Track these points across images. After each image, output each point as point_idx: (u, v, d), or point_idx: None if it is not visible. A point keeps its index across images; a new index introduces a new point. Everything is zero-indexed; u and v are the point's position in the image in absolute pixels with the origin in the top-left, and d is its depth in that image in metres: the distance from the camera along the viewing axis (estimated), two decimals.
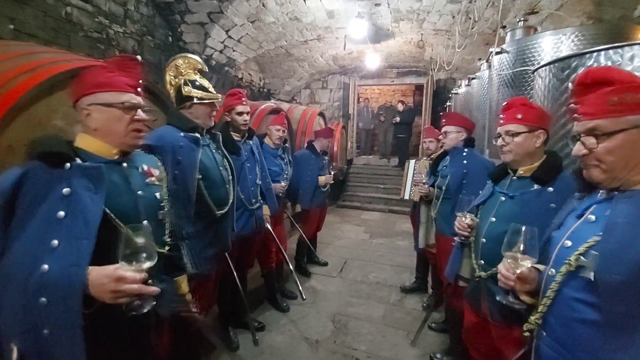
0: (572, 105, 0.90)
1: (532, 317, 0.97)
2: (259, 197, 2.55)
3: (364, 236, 5.32)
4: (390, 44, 6.42)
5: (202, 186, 1.79)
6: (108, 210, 0.99)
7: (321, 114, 5.65)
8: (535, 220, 1.30)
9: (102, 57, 3.86)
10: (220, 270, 2.11)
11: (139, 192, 1.12)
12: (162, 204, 1.22)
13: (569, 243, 0.92)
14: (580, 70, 1.72)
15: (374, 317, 2.92)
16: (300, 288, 2.75)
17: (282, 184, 2.93)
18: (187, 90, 1.76)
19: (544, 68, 2.00)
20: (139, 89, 1.10)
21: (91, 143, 1.04)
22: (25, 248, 0.85)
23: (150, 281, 0.96)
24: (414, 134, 8.79)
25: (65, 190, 0.90)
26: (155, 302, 0.97)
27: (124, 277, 0.86)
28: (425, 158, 3.25)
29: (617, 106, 0.81)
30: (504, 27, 3.16)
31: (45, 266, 0.83)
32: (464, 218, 1.61)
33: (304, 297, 2.74)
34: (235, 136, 2.41)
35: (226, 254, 2.07)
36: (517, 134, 1.42)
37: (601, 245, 0.81)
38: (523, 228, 1.02)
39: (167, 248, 1.23)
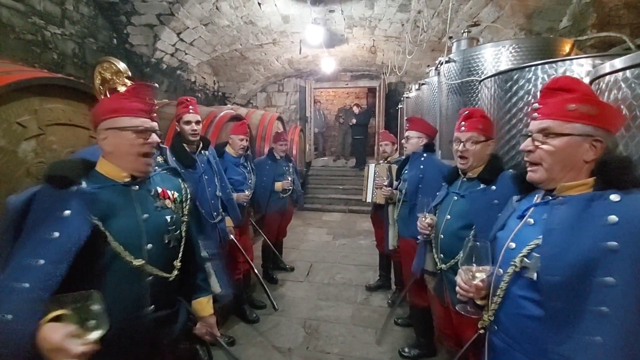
0: (535, 105, 0.99)
1: (485, 315, 1.06)
2: (221, 210, 2.48)
3: (326, 238, 5.40)
4: (344, 48, 6.58)
5: None
6: (108, 233, 1.01)
7: (280, 119, 5.65)
8: (482, 215, 1.51)
9: (38, 61, 3.53)
10: None
11: (144, 216, 1.11)
12: (170, 228, 1.18)
13: (513, 245, 1.00)
14: (521, 82, 1.92)
15: (343, 319, 2.99)
16: (272, 298, 2.73)
17: (246, 192, 2.89)
18: None
19: (489, 79, 2.19)
20: (153, 114, 1.13)
21: (105, 166, 1.09)
22: (17, 265, 0.87)
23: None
24: (369, 135, 9.09)
25: (67, 212, 0.93)
26: None
27: (67, 349, 0.79)
28: (383, 161, 3.39)
29: (572, 112, 0.89)
30: (450, 37, 3.40)
31: (26, 284, 0.85)
32: (424, 218, 1.76)
33: (277, 307, 2.73)
34: (188, 147, 2.28)
35: None
36: (478, 142, 1.58)
37: (542, 249, 0.89)
38: (478, 243, 1.09)
39: (175, 273, 1.18)
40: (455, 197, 1.67)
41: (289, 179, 3.66)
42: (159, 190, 1.20)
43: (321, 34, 5.04)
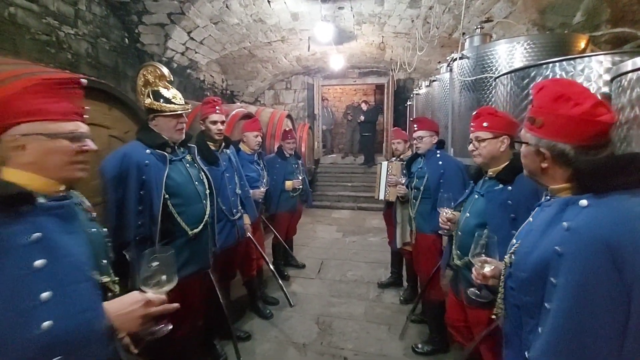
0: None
1: (497, 302, 1.14)
2: (239, 207, 2.52)
3: (337, 235, 5.42)
4: (353, 45, 6.56)
5: (170, 205, 1.72)
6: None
7: (289, 116, 5.66)
8: (496, 214, 1.55)
9: (53, 61, 3.59)
10: (205, 285, 2.06)
11: (91, 230, 1.01)
12: (107, 239, 1.10)
13: (514, 241, 1.08)
14: (539, 79, 1.92)
15: (356, 315, 3.01)
16: (287, 294, 2.76)
17: (262, 189, 2.92)
18: (148, 102, 1.68)
19: (505, 76, 2.19)
20: (85, 116, 0.98)
21: (27, 179, 0.86)
22: (4, 312, 0.72)
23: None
24: (377, 132, 9.06)
25: (35, 235, 0.79)
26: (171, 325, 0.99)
27: (151, 300, 0.88)
28: (395, 159, 3.39)
29: (527, 122, 0.98)
30: (463, 34, 3.38)
31: (47, 323, 0.74)
32: (444, 212, 1.80)
33: (292, 303, 2.75)
34: (212, 146, 2.37)
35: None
36: (484, 139, 1.60)
37: (518, 248, 0.99)
38: (488, 237, 1.18)
39: (117, 288, 1.06)
40: (476, 196, 1.70)
41: (299, 177, 3.67)
42: (86, 203, 1.08)
43: (330, 31, 5.03)
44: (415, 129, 2.58)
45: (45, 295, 0.76)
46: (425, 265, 2.41)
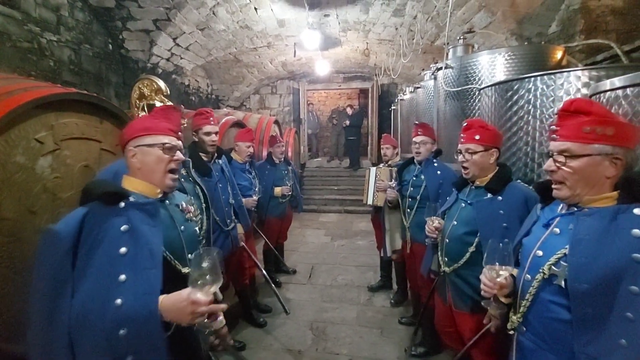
0: (553, 127, 1.05)
1: (514, 317, 1.12)
2: (233, 217, 2.53)
3: (325, 239, 5.46)
4: (338, 51, 6.65)
5: None
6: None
7: (276, 122, 5.67)
8: (488, 223, 1.60)
9: (35, 69, 3.50)
10: None
11: (181, 228, 1.21)
12: (200, 238, 1.34)
13: (540, 253, 1.06)
14: (522, 92, 2.02)
15: (348, 320, 3.06)
16: (282, 302, 2.77)
17: (254, 197, 2.93)
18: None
19: (489, 88, 2.29)
20: (180, 134, 1.22)
21: (137, 184, 1.12)
22: (94, 286, 0.92)
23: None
24: (362, 135, 9.18)
25: (124, 227, 0.98)
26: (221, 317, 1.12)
27: (197, 300, 0.97)
28: (383, 164, 3.47)
29: (589, 134, 0.95)
30: (447, 43, 3.49)
31: (119, 300, 0.92)
32: (431, 222, 1.85)
33: (288, 311, 2.77)
34: (204, 157, 2.36)
35: None
36: (475, 152, 1.65)
37: (570, 259, 0.95)
38: (500, 244, 1.16)
39: None
40: (463, 204, 1.74)
41: (288, 184, 3.68)
42: (183, 205, 1.29)
43: (316, 38, 5.09)
44: (420, 133, 2.51)
45: (122, 277, 0.94)
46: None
